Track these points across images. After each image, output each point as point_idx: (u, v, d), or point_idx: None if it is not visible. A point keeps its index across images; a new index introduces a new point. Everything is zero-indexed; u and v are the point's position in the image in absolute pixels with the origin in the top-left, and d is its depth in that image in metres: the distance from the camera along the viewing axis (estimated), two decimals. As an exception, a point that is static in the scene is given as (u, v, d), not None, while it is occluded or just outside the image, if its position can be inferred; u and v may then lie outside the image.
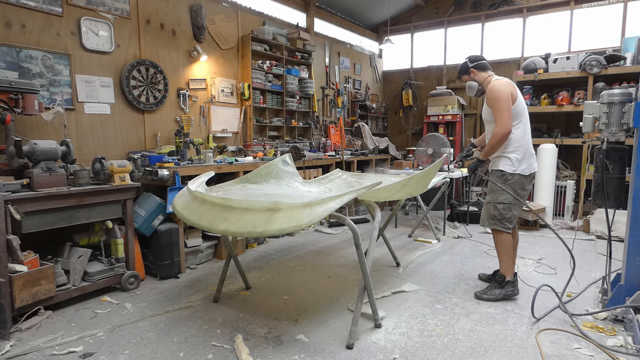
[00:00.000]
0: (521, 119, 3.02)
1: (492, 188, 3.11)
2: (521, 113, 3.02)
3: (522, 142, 3.01)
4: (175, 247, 3.62)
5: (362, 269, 2.45)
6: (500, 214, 3.04)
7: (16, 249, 2.57)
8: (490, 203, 3.09)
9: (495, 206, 3.05)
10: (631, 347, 2.35)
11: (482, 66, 3.15)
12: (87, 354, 2.33)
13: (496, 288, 3.10)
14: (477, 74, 3.15)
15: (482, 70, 3.15)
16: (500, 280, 3.11)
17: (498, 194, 3.06)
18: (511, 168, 3.00)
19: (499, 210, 3.04)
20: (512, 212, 3.05)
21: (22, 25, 3.42)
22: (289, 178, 3.53)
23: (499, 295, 3.07)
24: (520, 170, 3.00)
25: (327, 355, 2.32)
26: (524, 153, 3.01)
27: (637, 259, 2.65)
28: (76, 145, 3.68)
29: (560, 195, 5.72)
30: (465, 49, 7.91)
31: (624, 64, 5.57)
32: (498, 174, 3.07)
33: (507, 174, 3.02)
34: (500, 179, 3.05)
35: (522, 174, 3.01)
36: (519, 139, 3.00)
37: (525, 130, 3.05)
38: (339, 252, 4.40)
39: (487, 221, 3.12)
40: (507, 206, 3.02)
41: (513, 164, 3.00)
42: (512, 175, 3.00)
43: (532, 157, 3.06)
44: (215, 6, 5.17)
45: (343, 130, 6.24)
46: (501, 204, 3.03)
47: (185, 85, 4.84)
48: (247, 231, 2.11)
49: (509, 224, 3.05)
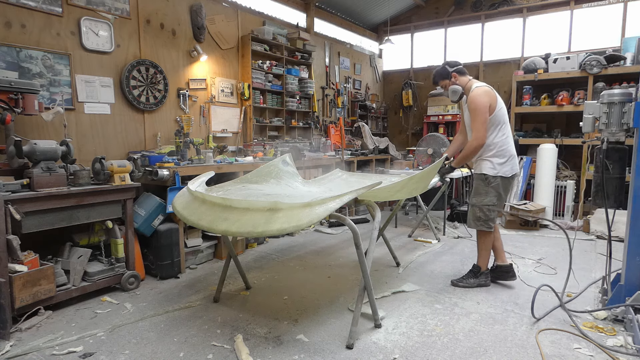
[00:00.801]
0: (502, 124, 3.13)
1: (476, 191, 3.25)
2: (502, 120, 3.13)
3: (504, 146, 3.13)
4: (175, 247, 3.62)
5: (362, 269, 2.45)
6: (486, 216, 3.19)
7: (16, 249, 2.57)
8: (476, 206, 3.22)
9: (480, 208, 3.19)
10: (631, 347, 2.35)
11: (461, 71, 3.26)
12: (87, 354, 2.33)
13: (471, 277, 3.34)
14: (459, 78, 3.24)
15: (462, 74, 3.26)
16: (476, 271, 3.34)
17: (482, 196, 3.19)
18: (493, 171, 3.14)
19: (484, 212, 3.18)
20: (495, 213, 3.21)
21: (22, 25, 3.42)
22: (289, 178, 3.53)
23: (474, 284, 3.32)
24: (503, 172, 3.14)
25: (327, 355, 2.32)
26: (506, 156, 3.14)
27: (637, 259, 2.65)
28: (76, 145, 3.68)
29: (560, 195, 5.72)
30: (465, 49, 7.92)
31: (624, 64, 5.57)
32: (482, 177, 3.20)
33: (490, 177, 3.15)
34: (484, 182, 3.18)
35: (504, 176, 3.15)
36: (501, 144, 3.12)
37: (507, 135, 3.16)
38: (339, 252, 4.40)
39: (474, 222, 3.25)
40: (490, 208, 3.18)
41: (495, 167, 3.13)
42: (495, 178, 3.14)
43: (513, 159, 3.19)
44: (215, 6, 5.17)
45: (343, 130, 6.24)
46: (486, 205, 3.17)
47: (185, 85, 4.84)
48: (247, 231, 2.11)
49: (492, 223, 3.22)
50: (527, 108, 6.27)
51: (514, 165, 3.18)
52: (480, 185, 3.20)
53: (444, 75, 3.28)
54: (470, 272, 3.39)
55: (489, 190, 3.16)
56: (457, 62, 3.31)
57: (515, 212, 5.40)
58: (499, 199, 3.18)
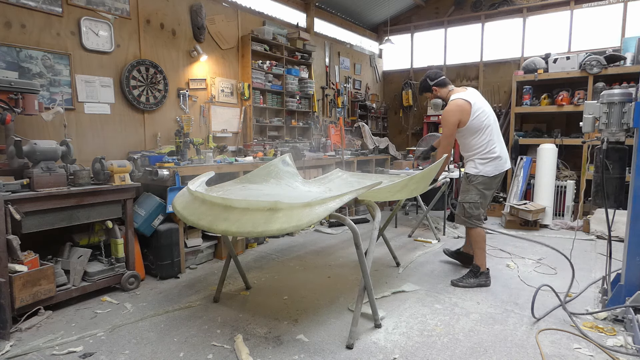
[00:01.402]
0: (483, 129, 3.28)
1: (462, 189, 3.48)
2: (480, 126, 3.27)
3: (487, 148, 3.31)
4: (175, 247, 3.62)
5: (362, 269, 2.45)
6: (467, 213, 3.39)
7: (16, 249, 2.57)
8: (460, 203, 3.46)
9: (462, 205, 3.42)
10: (631, 347, 2.35)
11: (442, 83, 3.44)
12: (87, 354, 2.33)
13: (471, 277, 3.40)
14: (439, 91, 3.45)
15: (442, 86, 3.44)
16: (475, 271, 3.41)
17: (465, 194, 3.43)
18: (475, 170, 3.37)
19: (464, 209, 3.40)
20: (479, 210, 3.38)
21: (22, 25, 3.42)
22: (289, 178, 3.53)
23: (474, 284, 3.37)
24: (484, 172, 3.33)
25: (327, 355, 2.32)
26: (489, 158, 3.31)
27: (637, 259, 2.65)
28: (76, 145, 3.67)
29: (560, 195, 5.72)
30: (465, 49, 7.92)
31: (624, 64, 5.57)
32: (465, 176, 3.48)
33: (471, 176, 3.40)
34: (466, 180, 3.45)
35: (486, 176, 3.34)
36: (484, 147, 3.31)
37: (490, 137, 3.31)
38: (339, 252, 4.40)
39: (459, 218, 3.50)
40: (472, 205, 3.37)
41: (477, 167, 3.36)
42: (476, 177, 3.37)
43: (498, 159, 3.32)
44: (215, 6, 5.17)
45: (343, 130, 6.23)
46: (467, 202, 3.39)
47: (185, 85, 4.84)
48: (247, 231, 2.11)
49: (477, 220, 3.39)
50: (527, 108, 6.27)
51: (498, 165, 3.32)
52: (464, 183, 3.47)
53: (426, 88, 3.50)
54: (470, 272, 3.44)
55: (470, 188, 3.39)
56: (437, 73, 3.49)
57: (516, 212, 5.41)
58: (482, 197, 3.37)
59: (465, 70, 7.93)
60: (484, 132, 3.28)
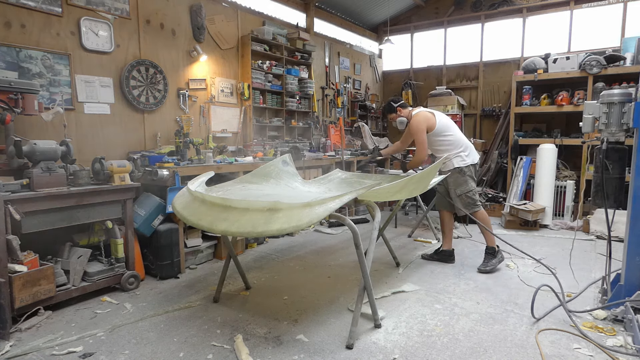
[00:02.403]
0: (446, 129, 3.79)
1: (457, 183, 3.78)
2: (444, 127, 3.78)
3: (461, 142, 3.81)
4: (175, 247, 3.62)
5: (362, 269, 2.45)
6: (472, 199, 3.78)
7: (16, 249, 2.57)
8: (462, 195, 3.78)
9: (467, 195, 3.77)
10: (631, 347, 2.35)
11: (404, 105, 3.96)
12: (87, 354, 2.33)
13: (492, 259, 3.74)
14: (402, 111, 3.92)
15: (404, 108, 3.94)
16: (492, 251, 3.77)
17: (463, 186, 3.76)
18: (463, 163, 3.76)
19: (470, 197, 3.77)
20: (477, 195, 3.86)
21: (22, 25, 3.42)
22: (289, 178, 3.53)
23: (497, 263, 3.74)
24: (471, 161, 3.80)
25: (327, 355, 2.32)
26: (467, 149, 3.81)
27: (637, 259, 2.65)
28: (76, 145, 3.67)
29: (560, 196, 5.72)
30: (465, 49, 7.92)
31: (623, 64, 5.57)
32: (457, 170, 3.76)
33: (463, 168, 3.76)
34: (460, 173, 3.76)
35: (472, 164, 3.80)
36: (458, 142, 3.80)
37: (454, 133, 3.82)
38: (339, 252, 4.40)
39: (466, 208, 3.78)
40: (472, 192, 3.78)
41: (464, 159, 3.77)
42: (468, 168, 3.78)
43: (472, 149, 3.87)
44: (215, 6, 5.17)
45: (343, 130, 6.23)
46: (468, 192, 3.77)
47: (185, 85, 4.84)
48: (247, 231, 2.11)
49: (479, 202, 3.85)
50: (526, 108, 6.28)
51: (473, 154, 3.84)
52: (459, 177, 3.77)
53: (391, 110, 3.95)
54: (488, 254, 3.77)
55: (466, 178, 3.76)
56: (399, 98, 4.09)
57: (515, 212, 5.41)
58: (474, 182, 3.83)
59: (465, 70, 7.93)
60: (448, 130, 3.79)
